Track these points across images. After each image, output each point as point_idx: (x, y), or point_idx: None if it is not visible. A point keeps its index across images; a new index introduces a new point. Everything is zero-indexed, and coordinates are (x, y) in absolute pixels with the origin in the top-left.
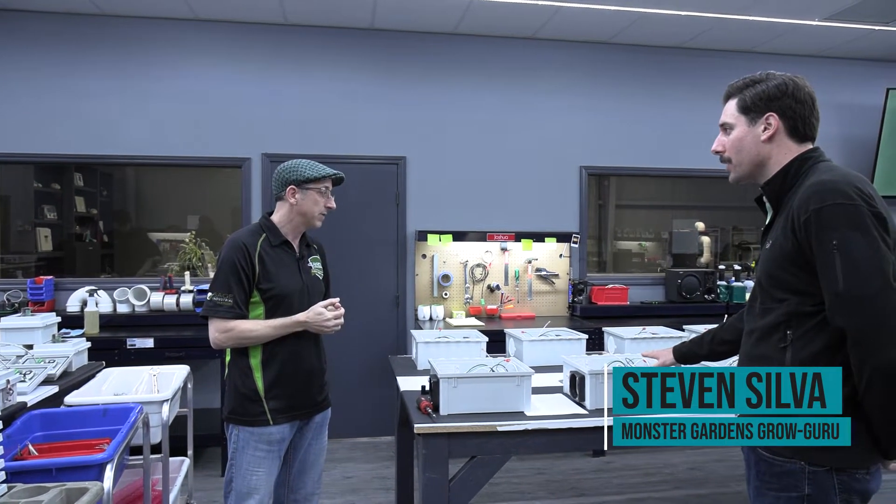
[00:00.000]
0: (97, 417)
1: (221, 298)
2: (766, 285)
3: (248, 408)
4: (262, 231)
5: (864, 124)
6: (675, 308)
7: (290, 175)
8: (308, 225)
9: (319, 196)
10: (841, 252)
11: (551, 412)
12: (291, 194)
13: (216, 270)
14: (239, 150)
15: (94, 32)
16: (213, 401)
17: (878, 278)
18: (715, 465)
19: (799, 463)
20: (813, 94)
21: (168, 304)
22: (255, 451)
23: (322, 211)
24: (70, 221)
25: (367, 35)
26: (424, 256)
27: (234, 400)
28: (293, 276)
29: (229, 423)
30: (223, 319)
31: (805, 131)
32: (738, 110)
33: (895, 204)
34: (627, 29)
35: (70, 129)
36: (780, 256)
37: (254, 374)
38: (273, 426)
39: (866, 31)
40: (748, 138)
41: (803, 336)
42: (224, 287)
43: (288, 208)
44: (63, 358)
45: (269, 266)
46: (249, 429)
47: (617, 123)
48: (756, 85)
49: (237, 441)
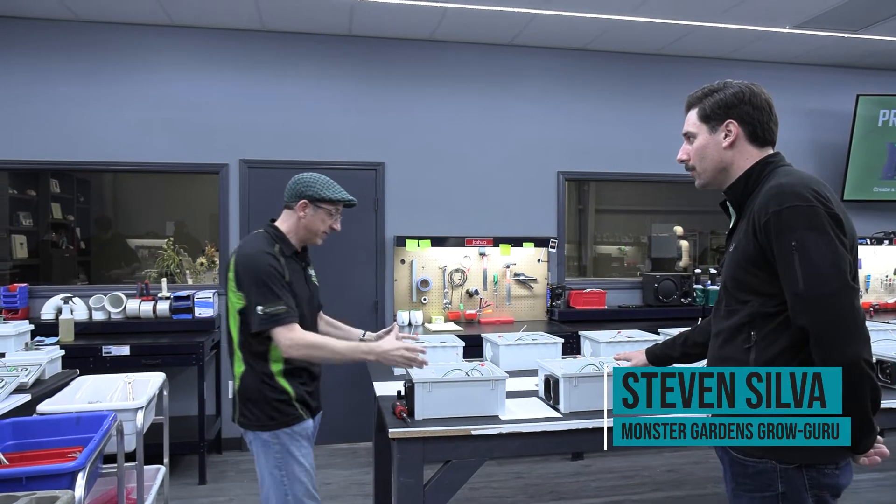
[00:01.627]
0: (70, 425)
1: (275, 307)
2: (730, 288)
3: (283, 409)
4: (274, 241)
5: (835, 130)
6: (651, 312)
7: (307, 189)
8: (310, 241)
9: (328, 217)
10: (800, 253)
11: (526, 416)
12: (302, 208)
13: (256, 283)
14: (216, 157)
15: (70, 38)
16: (189, 408)
17: (836, 278)
18: (692, 467)
19: (770, 462)
20: (770, 100)
21: (144, 311)
22: (301, 451)
23: (326, 231)
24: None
25: (345, 41)
26: (403, 262)
27: (263, 406)
28: (304, 285)
29: (263, 431)
30: (289, 326)
31: (765, 136)
32: (699, 119)
33: (869, 207)
34: (602, 36)
35: (46, 135)
36: (742, 259)
37: (277, 380)
38: (307, 420)
39: (836, 38)
40: (710, 146)
41: (767, 336)
42: (273, 296)
43: (295, 220)
44: (36, 366)
45: (290, 276)
46: (287, 430)
47: (594, 129)
48: (714, 94)
49: (281, 449)
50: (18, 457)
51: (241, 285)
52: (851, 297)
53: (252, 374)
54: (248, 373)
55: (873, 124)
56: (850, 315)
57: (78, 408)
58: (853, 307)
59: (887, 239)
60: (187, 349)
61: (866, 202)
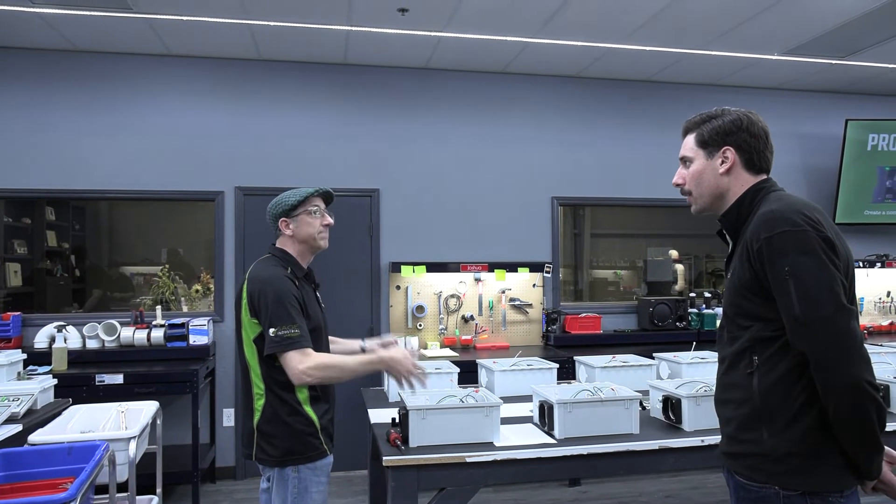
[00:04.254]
0: (62, 456)
1: (289, 331)
2: (730, 314)
3: (308, 443)
4: (286, 265)
5: (825, 154)
6: (647, 336)
7: (277, 209)
8: (314, 249)
9: (311, 217)
10: (793, 278)
11: (521, 442)
12: (285, 226)
13: (272, 306)
14: (212, 184)
15: (67, 68)
16: (183, 437)
17: (831, 301)
18: (690, 492)
19: (773, 488)
20: (766, 129)
21: (139, 338)
22: (317, 487)
23: (320, 230)
24: (41, 256)
25: (340, 70)
26: (398, 288)
27: (288, 440)
28: (316, 307)
29: (285, 466)
30: (302, 350)
31: (760, 164)
32: (696, 144)
33: (860, 230)
34: (595, 63)
35: (42, 163)
36: (739, 285)
37: (304, 408)
38: (329, 455)
39: (824, 64)
40: (707, 171)
41: (768, 360)
42: (288, 320)
43: (290, 241)
44: (27, 396)
45: (305, 299)
46: (311, 465)
47: (587, 154)
48: (713, 120)
49: (299, 485)
50: (9, 488)
51: (257, 311)
52: (848, 318)
53: (277, 404)
54: (272, 404)
55: (863, 148)
56: (848, 337)
57: (70, 438)
58: (850, 329)
59: (879, 262)
60: (181, 377)
61: (858, 225)
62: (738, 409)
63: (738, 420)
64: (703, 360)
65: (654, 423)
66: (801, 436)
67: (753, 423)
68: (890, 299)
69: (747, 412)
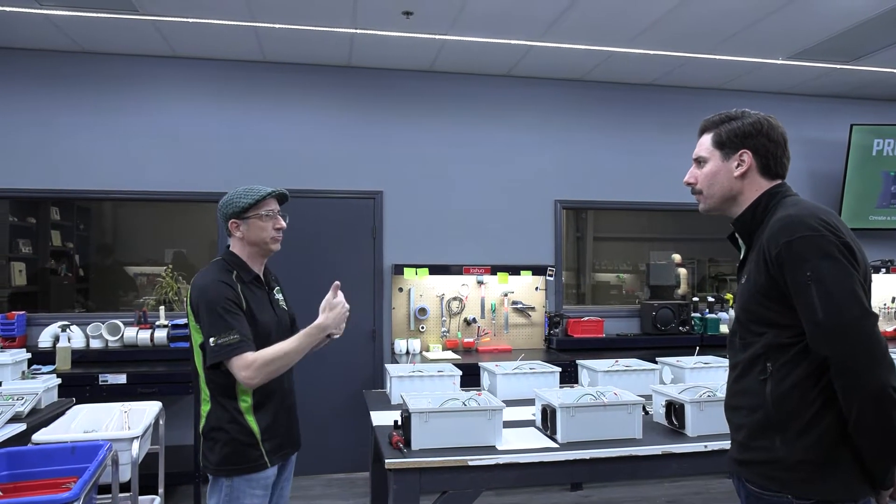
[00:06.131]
0: (65, 455)
1: (227, 338)
2: (743, 320)
3: (245, 453)
4: (231, 268)
5: (830, 159)
6: (650, 340)
7: (228, 209)
8: (265, 253)
9: (264, 221)
10: (816, 282)
11: (523, 446)
12: (235, 228)
13: (208, 315)
14: (217, 185)
15: (73, 69)
16: (186, 437)
17: (856, 305)
18: (693, 497)
19: (786, 496)
20: (785, 135)
21: (142, 339)
22: (251, 500)
23: (272, 235)
24: (45, 255)
25: (345, 72)
26: (401, 290)
27: (225, 448)
28: (268, 310)
29: (219, 475)
30: (240, 355)
31: (776, 170)
32: (713, 145)
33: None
34: (598, 67)
35: (47, 164)
36: (755, 291)
37: (245, 418)
38: (269, 468)
39: (829, 69)
40: (721, 173)
41: (782, 367)
42: (224, 327)
43: (239, 243)
44: (32, 395)
45: (251, 303)
46: (246, 476)
47: (591, 158)
48: (732, 121)
49: (230, 494)
50: (12, 487)
51: (198, 317)
52: (873, 323)
53: (219, 411)
54: (214, 411)
55: (868, 153)
56: (873, 342)
57: (73, 437)
58: (875, 334)
59: (884, 267)
60: (184, 377)
61: (863, 230)
62: (749, 416)
63: (749, 427)
64: (706, 365)
65: (656, 427)
66: (815, 444)
67: (766, 430)
68: (895, 305)
69: (759, 419)
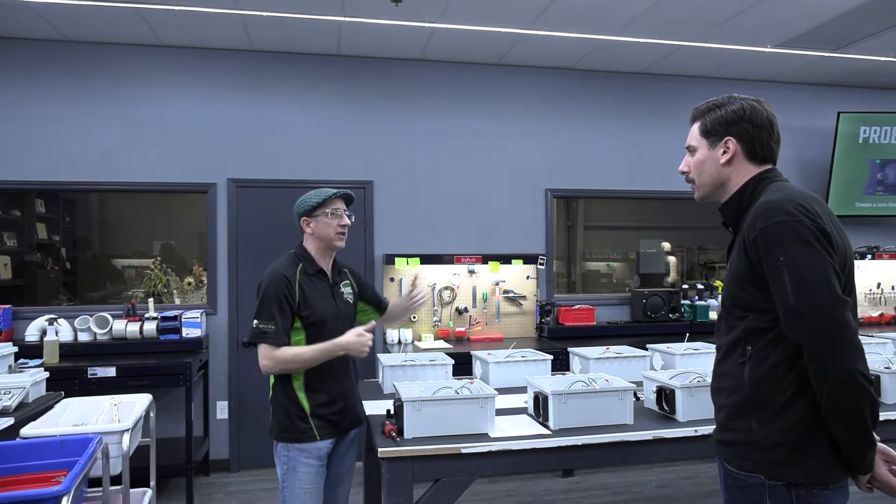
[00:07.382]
0: (54, 449)
1: (266, 325)
2: (727, 304)
3: (296, 425)
4: (299, 261)
5: (817, 147)
6: (640, 327)
7: (300, 208)
8: (331, 248)
9: (330, 218)
10: (788, 268)
11: (515, 433)
12: (306, 225)
13: (259, 301)
14: (204, 176)
15: (58, 58)
16: (177, 430)
17: (827, 292)
18: (683, 482)
19: (759, 477)
20: (772, 118)
21: (131, 331)
22: (306, 469)
23: (337, 231)
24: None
25: (334, 61)
26: (392, 280)
27: (283, 420)
28: (328, 302)
29: (280, 441)
30: (270, 346)
31: (763, 154)
32: (700, 133)
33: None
34: (589, 55)
35: (32, 155)
36: (736, 275)
37: (297, 394)
38: (320, 441)
39: (816, 57)
40: (709, 161)
41: (761, 350)
42: (268, 315)
43: (311, 238)
44: (19, 389)
45: (308, 294)
46: (299, 445)
47: (582, 147)
48: (717, 109)
49: (288, 461)
50: (1, 481)
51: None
52: (843, 309)
53: (278, 386)
54: (276, 385)
55: (854, 141)
56: (842, 328)
57: (62, 431)
58: (845, 320)
59: (870, 253)
60: (174, 370)
61: (849, 217)
62: (729, 398)
63: (728, 408)
64: (696, 351)
65: (647, 413)
66: (790, 427)
67: (743, 411)
68: (880, 290)
69: (738, 401)
